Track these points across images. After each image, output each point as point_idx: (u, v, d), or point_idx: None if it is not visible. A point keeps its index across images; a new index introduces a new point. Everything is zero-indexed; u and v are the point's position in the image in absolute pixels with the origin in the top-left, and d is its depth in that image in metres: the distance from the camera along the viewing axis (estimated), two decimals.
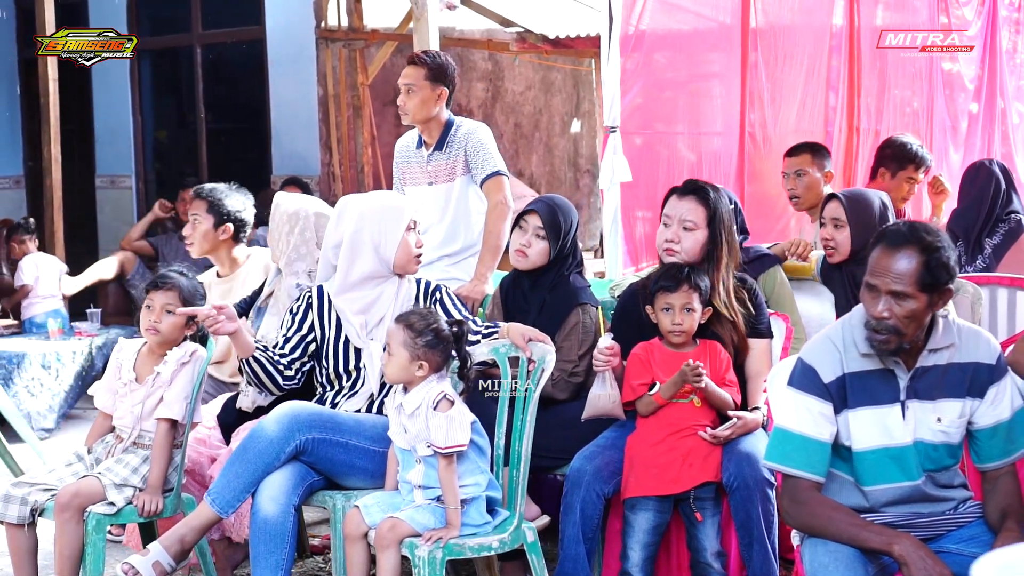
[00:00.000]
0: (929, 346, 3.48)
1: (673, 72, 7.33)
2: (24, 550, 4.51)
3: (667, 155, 7.16)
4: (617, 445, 4.40)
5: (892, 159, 6.57)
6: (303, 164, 9.97)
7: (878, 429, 3.48)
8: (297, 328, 4.57)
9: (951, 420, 3.49)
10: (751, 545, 4.17)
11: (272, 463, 4.23)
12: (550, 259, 4.87)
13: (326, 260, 4.65)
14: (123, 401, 4.62)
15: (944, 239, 3.42)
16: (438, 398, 4.04)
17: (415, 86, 5.60)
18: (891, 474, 3.49)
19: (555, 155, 11.56)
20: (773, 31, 7.73)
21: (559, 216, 4.89)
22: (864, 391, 3.49)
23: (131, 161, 11.18)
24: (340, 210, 4.63)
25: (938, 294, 3.40)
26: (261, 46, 10.27)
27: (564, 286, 4.86)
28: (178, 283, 4.61)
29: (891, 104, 8.33)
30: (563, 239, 4.87)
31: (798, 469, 3.49)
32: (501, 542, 4.11)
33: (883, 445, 3.48)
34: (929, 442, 3.49)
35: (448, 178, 5.67)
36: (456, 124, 5.69)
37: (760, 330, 4.51)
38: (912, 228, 3.43)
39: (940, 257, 3.37)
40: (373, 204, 4.64)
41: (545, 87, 11.40)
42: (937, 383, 3.48)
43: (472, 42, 10.24)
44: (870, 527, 3.39)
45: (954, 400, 3.49)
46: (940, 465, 3.51)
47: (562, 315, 4.78)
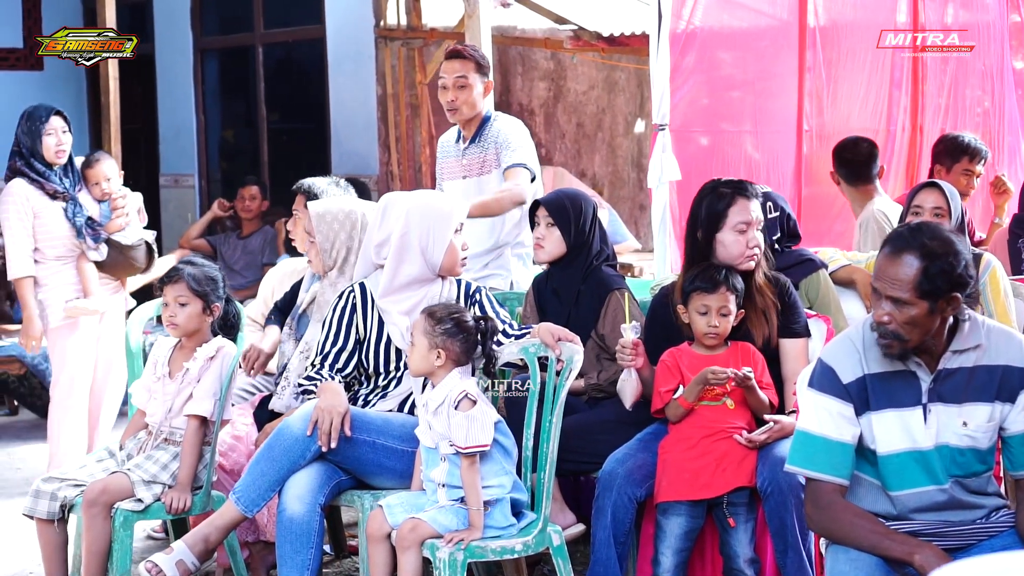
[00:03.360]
0: (953, 347, 3.37)
1: (738, 70, 7.23)
2: (54, 546, 4.53)
3: (734, 155, 7.08)
4: (650, 448, 4.32)
5: (945, 154, 6.46)
6: (362, 163, 9.97)
7: (901, 432, 3.37)
8: (345, 338, 4.50)
9: (978, 424, 3.36)
10: (786, 552, 4.07)
11: (298, 461, 4.19)
12: (568, 247, 4.81)
13: (367, 257, 4.60)
14: (155, 397, 4.62)
15: (953, 245, 3.28)
16: (459, 397, 3.98)
17: (467, 79, 5.54)
18: (916, 479, 3.38)
19: (618, 155, 11.46)
20: (833, 28, 7.59)
21: (565, 203, 4.86)
22: (885, 393, 3.38)
23: (194, 160, 11.25)
24: (384, 208, 4.57)
25: (944, 301, 3.28)
26: (321, 45, 10.29)
27: (596, 275, 4.81)
28: (183, 274, 4.62)
29: (960, 103, 8.14)
30: (576, 225, 4.82)
31: (820, 472, 3.39)
32: (525, 545, 4.04)
33: (906, 448, 3.37)
34: (955, 447, 3.37)
35: (480, 171, 5.62)
36: (492, 118, 5.62)
37: (795, 330, 4.40)
38: (916, 232, 3.32)
39: (941, 264, 3.25)
40: (420, 204, 4.55)
41: (608, 86, 11.30)
42: (963, 386, 3.36)
43: (528, 40, 10.18)
44: (893, 535, 3.29)
45: (981, 404, 3.36)
46: (969, 471, 3.38)
47: (599, 302, 4.72)
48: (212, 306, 4.60)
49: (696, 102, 6.80)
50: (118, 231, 6.21)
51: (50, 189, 5.99)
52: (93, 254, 6.11)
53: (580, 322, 4.68)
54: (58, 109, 6.05)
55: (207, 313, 4.61)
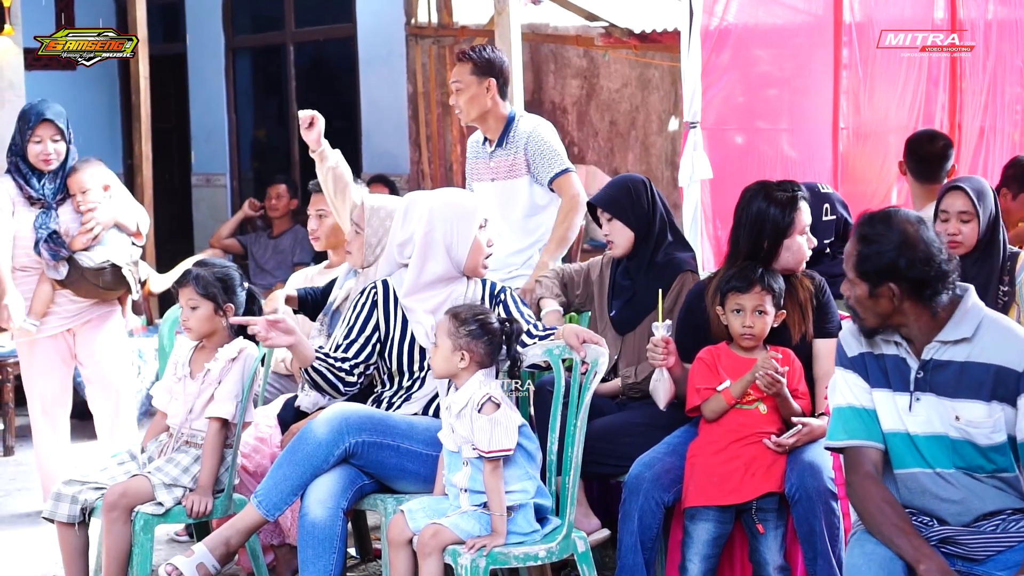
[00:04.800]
0: (939, 337, 3.37)
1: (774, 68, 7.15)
2: (75, 549, 4.49)
3: (770, 153, 7.00)
4: (679, 451, 4.24)
5: (1014, 179, 6.23)
6: (393, 162, 9.93)
7: (894, 413, 3.42)
8: (360, 329, 4.45)
9: (970, 420, 3.34)
10: (815, 559, 4.00)
11: (321, 466, 4.14)
12: (634, 232, 4.76)
13: (390, 256, 4.55)
14: (176, 398, 4.58)
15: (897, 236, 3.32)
16: (483, 400, 3.91)
17: (461, 83, 5.53)
18: (908, 460, 3.42)
19: (652, 154, 11.36)
20: (869, 24, 7.49)
21: (615, 193, 4.83)
22: (880, 373, 3.44)
23: (226, 160, 11.25)
24: (407, 207, 4.52)
25: (885, 287, 3.33)
26: (352, 44, 10.27)
27: (666, 254, 4.76)
28: (191, 277, 4.57)
29: (999, 101, 8.02)
30: (634, 210, 4.76)
31: (854, 439, 3.44)
32: (548, 552, 3.96)
33: (898, 430, 3.42)
34: (955, 438, 3.36)
35: (509, 175, 5.54)
36: (516, 119, 5.55)
37: (828, 330, 4.31)
38: (869, 218, 3.41)
39: (873, 250, 3.33)
40: (443, 202, 4.50)
41: (642, 84, 11.21)
42: (954, 380, 3.35)
43: (560, 38, 10.11)
44: (909, 536, 3.28)
45: (975, 401, 3.33)
46: (972, 463, 3.36)
47: (667, 283, 4.66)
48: (224, 307, 4.54)
49: (731, 99, 6.74)
50: (81, 249, 5.64)
51: (26, 193, 5.63)
52: (51, 271, 5.63)
53: (643, 303, 4.65)
54: (50, 116, 5.61)
55: (219, 314, 4.56)
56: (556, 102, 10.44)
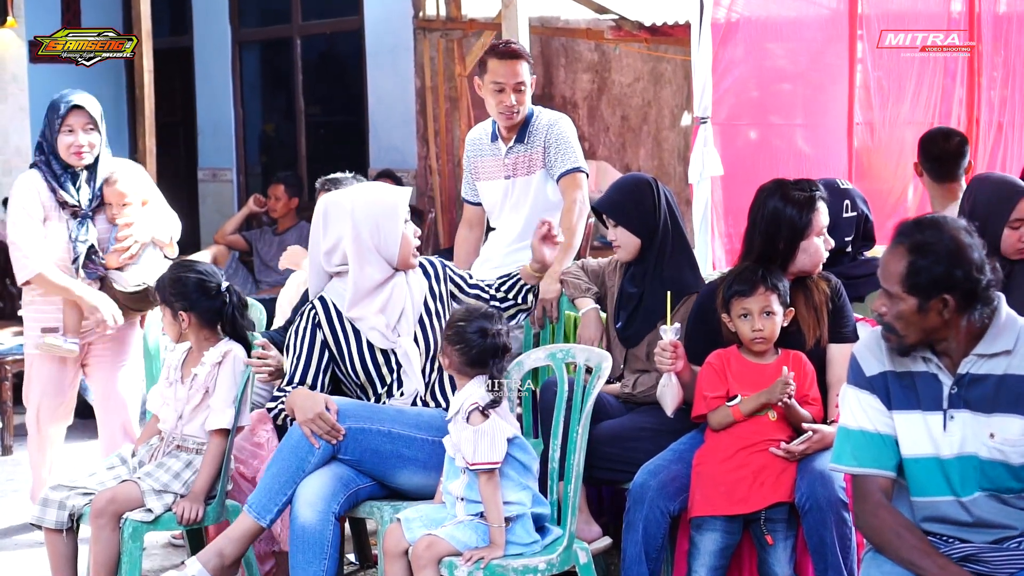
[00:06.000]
0: (977, 351, 3.18)
1: (788, 62, 7.05)
2: (63, 556, 4.37)
3: (784, 149, 6.89)
4: (685, 459, 4.12)
5: None
6: (400, 157, 9.84)
7: (922, 436, 3.22)
8: (308, 356, 4.26)
9: (1006, 438, 3.16)
10: (826, 572, 3.88)
11: (307, 458, 4.01)
12: (640, 237, 4.59)
13: (318, 268, 4.35)
14: (168, 403, 4.47)
15: (951, 244, 3.12)
16: (471, 409, 3.77)
17: (526, 82, 5.24)
18: (934, 487, 3.23)
19: (664, 149, 11.25)
20: (885, 17, 7.37)
21: (617, 197, 4.67)
22: (906, 392, 3.25)
23: (232, 154, 11.19)
24: (324, 212, 4.31)
25: (937, 300, 3.12)
26: (359, 37, 10.20)
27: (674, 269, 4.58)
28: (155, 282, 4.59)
29: (1017, 96, 7.90)
30: (640, 218, 4.59)
31: (862, 467, 3.27)
32: (549, 564, 3.82)
33: (926, 454, 3.23)
34: (986, 458, 3.18)
35: (527, 171, 5.33)
36: (536, 114, 5.36)
37: (843, 334, 4.18)
38: (918, 225, 3.19)
39: (928, 262, 3.11)
40: (363, 202, 4.29)
41: (654, 78, 11.10)
42: (991, 395, 3.17)
43: (570, 31, 9.99)
44: (933, 556, 3.14)
45: (1013, 416, 3.16)
46: (1001, 486, 3.19)
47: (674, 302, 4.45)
48: (179, 313, 4.40)
49: (744, 94, 6.66)
50: (116, 268, 5.31)
51: (60, 198, 5.22)
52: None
53: (649, 313, 4.51)
54: (81, 103, 5.21)
55: (178, 320, 4.42)
56: (567, 96, 10.34)
